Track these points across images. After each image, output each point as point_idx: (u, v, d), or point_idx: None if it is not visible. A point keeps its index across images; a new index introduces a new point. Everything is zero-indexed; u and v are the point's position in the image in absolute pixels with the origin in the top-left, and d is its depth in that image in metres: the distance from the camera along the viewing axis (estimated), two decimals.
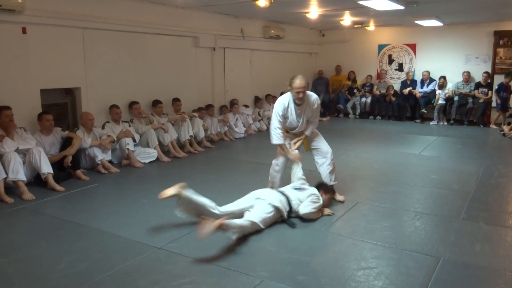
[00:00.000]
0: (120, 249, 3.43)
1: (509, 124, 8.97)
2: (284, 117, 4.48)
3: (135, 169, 5.99)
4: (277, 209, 3.89)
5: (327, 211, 4.25)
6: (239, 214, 3.83)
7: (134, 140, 6.20)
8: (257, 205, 3.87)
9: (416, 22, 9.74)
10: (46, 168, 4.91)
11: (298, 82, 4.32)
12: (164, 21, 7.34)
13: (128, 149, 6.06)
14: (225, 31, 8.74)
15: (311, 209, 4.00)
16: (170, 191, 3.70)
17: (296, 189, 4.21)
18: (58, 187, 4.93)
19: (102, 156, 5.75)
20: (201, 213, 3.61)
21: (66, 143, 5.43)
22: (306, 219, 4.01)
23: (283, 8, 7.83)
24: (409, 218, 4.15)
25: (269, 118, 9.54)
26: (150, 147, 6.43)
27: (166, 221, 4.03)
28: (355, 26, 10.83)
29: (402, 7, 7.04)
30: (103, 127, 6.13)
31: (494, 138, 8.63)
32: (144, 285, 2.88)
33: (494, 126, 9.70)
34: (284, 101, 4.47)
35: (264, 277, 2.96)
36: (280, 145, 4.56)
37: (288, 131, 4.65)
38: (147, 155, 6.32)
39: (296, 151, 4.59)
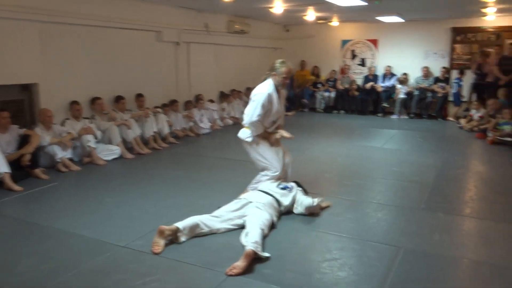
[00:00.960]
0: (83, 249, 3.35)
1: (465, 117, 9.33)
2: (266, 109, 4.13)
3: (98, 167, 5.85)
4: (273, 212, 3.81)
5: (325, 203, 4.26)
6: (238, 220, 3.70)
7: (95, 137, 6.06)
8: (253, 212, 3.66)
9: (378, 18, 9.96)
10: (3, 168, 4.72)
11: (289, 66, 4.11)
12: (125, 15, 7.17)
13: (89, 146, 5.91)
14: (189, 25, 8.65)
15: (312, 201, 4.00)
16: (161, 242, 3.33)
17: (282, 188, 4.12)
18: (16, 187, 4.76)
19: (62, 154, 5.59)
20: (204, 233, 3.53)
21: (24, 141, 5.23)
22: (309, 214, 3.99)
23: (247, 3, 7.82)
24: (371, 210, 4.26)
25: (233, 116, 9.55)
26: (113, 144, 6.30)
27: (130, 219, 3.96)
28: (319, 21, 10.96)
29: (364, 3, 7.17)
30: (62, 124, 5.95)
31: (452, 131, 8.95)
32: (109, 284, 2.83)
33: (451, 119, 10.07)
34: (269, 90, 4.14)
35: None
36: (262, 134, 4.27)
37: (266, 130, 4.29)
38: (109, 152, 6.19)
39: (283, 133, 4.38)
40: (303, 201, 4.01)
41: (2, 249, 3.36)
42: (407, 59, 11.14)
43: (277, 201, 3.93)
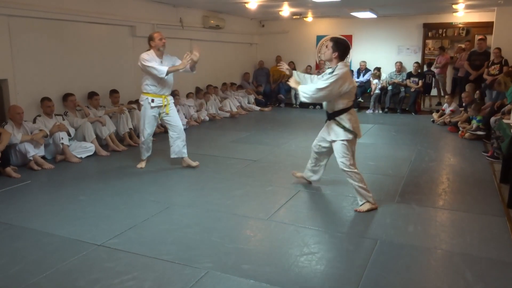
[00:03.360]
0: (57, 248, 3.28)
1: (437, 111, 9.54)
2: None
3: (71, 165, 5.73)
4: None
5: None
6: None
7: (69, 134, 5.92)
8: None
9: (352, 14, 10.06)
10: None
11: None
12: (98, 9, 7.02)
13: (62, 143, 5.78)
14: (163, 20, 8.53)
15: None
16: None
17: None
18: None
19: (34, 152, 5.44)
20: None
21: None
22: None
23: None
24: (348, 203, 4.31)
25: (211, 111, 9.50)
26: (87, 141, 6.17)
27: (105, 217, 3.90)
28: (294, 17, 11.00)
29: None
30: (34, 121, 5.79)
31: (424, 124, 9.14)
32: (84, 284, 2.77)
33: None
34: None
35: (209, 268, 2.96)
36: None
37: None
38: (83, 149, 6.06)
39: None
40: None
41: None
42: (381, 54, 11.31)
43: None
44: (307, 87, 4.09)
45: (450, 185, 5.04)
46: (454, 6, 8.99)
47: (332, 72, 3.96)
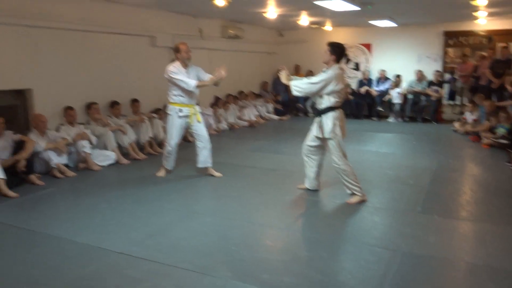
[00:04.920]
0: (77, 255, 3.32)
1: (459, 120, 9.38)
2: None
3: (93, 173, 5.82)
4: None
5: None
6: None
7: (90, 143, 6.02)
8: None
9: (371, 22, 10.02)
10: None
11: None
12: (119, 20, 7.17)
13: (84, 151, 5.88)
14: (183, 30, 8.65)
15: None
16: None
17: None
18: (11, 193, 4.72)
19: (57, 160, 5.55)
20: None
21: (19, 147, 5.19)
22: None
23: (241, 8, 7.84)
24: (368, 213, 4.26)
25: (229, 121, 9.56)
26: (108, 149, 6.26)
27: (125, 225, 3.94)
28: (312, 26, 11.00)
29: (357, 8, 7.21)
30: (57, 130, 5.92)
31: (446, 134, 9.00)
32: None
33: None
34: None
35: (228, 278, 2.95)
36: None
37: None
38: (105, 157, 6.16)
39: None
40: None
41: None
42: (400, 63, 11.20)
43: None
44: (299, 81, 4.53)
45: (473, 195, 4.94)
46: (475, 14, 8.87)
47: (327, 71, 4.41)
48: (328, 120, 4.41)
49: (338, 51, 4.45)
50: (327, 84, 4.34)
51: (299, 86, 4.48)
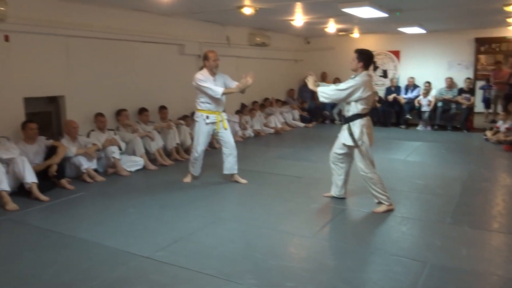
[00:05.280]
0: (105, 259, 3.38)
1: (491, 129, 9.12)
2: None
3: (121, 178, 5.93)
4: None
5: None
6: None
7: (120, 149, 6.15)
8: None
9: (400, 29, 9.89)
10: (30, 178, 4.83)
11: None
12: (149, 29, 7.32)
13: (114, 157, 6.00)
14: (211, 38, 8.75)
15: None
16: None
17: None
18: (42, 197, 4.85)
19: (87, 165, 5.69)
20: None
21: (51, 152, 5.35)
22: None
23: (268, 16, 7.88)
24: (395, 223, 4.18)
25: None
26: (137, 155, 6.38)
27: (152, 230, 3.99)
28: (340, 33, 10.95)
29: (385, 15, 7.13)
30: (88, 136, 6.07)
31: (477, 143, 8.76)
32: None
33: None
34: None
35: (253, 285, 2.95)
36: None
37: None
38: (133, 163, 6.27)
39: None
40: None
41: (28, 257, 3.42)
42: (430, 70, 11.00)
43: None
44: (326, 87, 4.52)
45: (506, 206, 4.79)
46: (508, 20, 8.64)
47: (355, 77, 4.39)
48: (356, 127, 4.37)
49: (366, 58, 4.45)
50: (355, 91, 4.31)
51: (326, 92, 4.46)
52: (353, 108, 4.39)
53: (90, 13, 6.31)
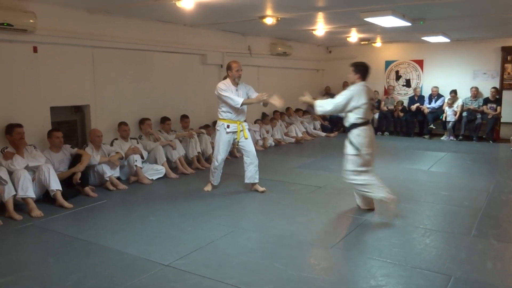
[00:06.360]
0: (127, 266, 3.42)
1: None
2: None
3: (143, 186, 6.00)
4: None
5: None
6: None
7: (142, 157, 6.22)
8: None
9: (423, 38, 9.78)
10: (55, 185, 4.93)
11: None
12: (172, 39, 7.44)
13: (136, 165, 6.08)
14: (233, 48, 8.83)
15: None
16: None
17: None
18: (66, 204, 4.95)
19: (110, 173, 5.78)
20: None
21: (75, 160, 5.46)
22: None
23: (289, 26, 7.91)
24: (418, 235, 4.10)
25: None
26: (158, 163, 6.45)
27: (173, 238, 4.02)
28: (362, 42, 10.90)
29: (408, 24, 7.07)
30: (111, 144, 6.17)
31: (503, 154, 8.55)
32: None
33: None
34: None
35: None
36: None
37: None
38: (155, 171, 6.34)
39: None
40: None
41: (52, 263, 3.49)
42: (454, 79, 10.81)
43: None
44: (323, 100, 4.72)
45: None
46: None
47: (350, 88, 4.56)
48: (352, 136, 4.54)
49: (361, 69, 4.59)
50: (350, 101, 4.47)
51: (322, 105, 4.67)
52: (350, 118, 4.55)
53: (115, 24, 6.46)
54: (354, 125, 4.52)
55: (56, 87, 5.87)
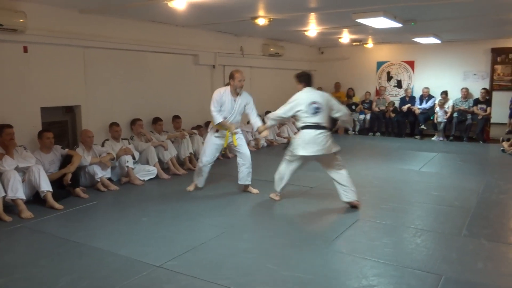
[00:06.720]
0: (119, 267, 3.40)
1: (508, 140, 8.98)
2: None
3: (135, 187, 5.97)
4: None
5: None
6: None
7: (133, 158, 6.20)
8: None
9: (414, 39, 9.85)
10: (46, 186, 4.89)
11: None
12: (164, 40, 7.41)
13: (127, 166, 6.05)
14: (225, 49, 8.82)
15: None
16: None
17: None
18: (57, 205, 4.91)
19: (101, 174, 5.74)
20: None
21: (66, 160, 5.42)
22: None
23: (282, 27, 7.92)
24: (410, 235, 4.13)
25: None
26: (150, 164, 6.42)
27: (166, 239, 4.00)
28: (354, 43, 10.95)
29: (400, 25, 7.11)
30: (102, 145, 6.14)
31: (493, 154, 8.63)
32: None
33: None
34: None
35: None
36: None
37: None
38: (146, 172, 6.31)
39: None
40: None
41: (44, 265, 3.46)
42: (445, 80, 10.91)
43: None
44: (273, 112, 5.15)
45: None
46: None
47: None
48: (295, 139, 4.97)
49: (304, 78, 5.14)
50: (293, 107, 4.86)
51: (270, 116, 5.13)
52: (297, 123, 4.93)
53: (106, 24, 6.42)
54: (298, 129, 4.91)
55: (47, 87, 5.83)
